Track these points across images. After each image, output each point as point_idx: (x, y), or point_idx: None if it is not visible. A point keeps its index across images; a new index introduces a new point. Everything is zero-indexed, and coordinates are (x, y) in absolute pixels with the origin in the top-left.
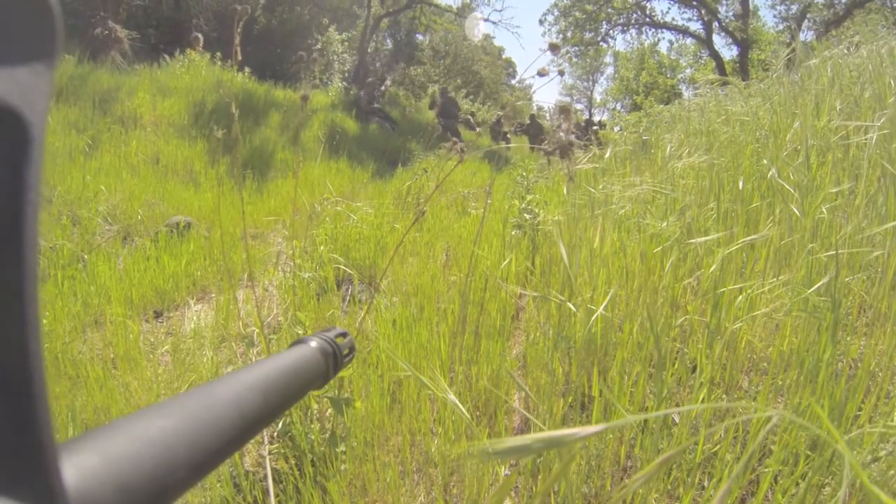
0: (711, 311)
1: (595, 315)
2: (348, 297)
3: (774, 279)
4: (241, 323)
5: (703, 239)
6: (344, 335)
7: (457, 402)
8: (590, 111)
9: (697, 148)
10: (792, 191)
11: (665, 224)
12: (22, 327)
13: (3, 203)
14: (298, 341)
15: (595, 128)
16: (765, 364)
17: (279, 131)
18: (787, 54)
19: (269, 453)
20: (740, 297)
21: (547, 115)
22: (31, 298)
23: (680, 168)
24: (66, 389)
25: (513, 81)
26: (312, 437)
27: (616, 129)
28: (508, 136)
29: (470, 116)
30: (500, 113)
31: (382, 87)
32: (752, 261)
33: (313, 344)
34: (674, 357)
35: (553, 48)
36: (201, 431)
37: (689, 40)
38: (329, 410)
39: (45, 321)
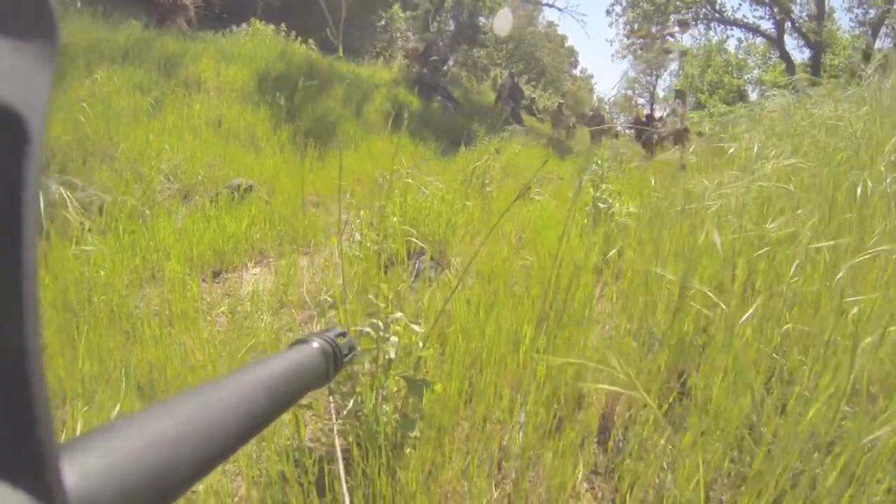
0: (834, 322)
1: (740, 322)
2: (415, 273)
3: None
4: (304, 289)
5: (826, 243)
6: (344, 335)
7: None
8: (651, 106)
9: (782, 150)
10: None
11: (774, 224)
12: (21, 327)
13: (1, 202)
14: (300, 341)
15: (657, 124)
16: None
17: (342, 103)
18: (880, 60)
19: (338, 433)
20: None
21: (606, 106)
22: (30, 298)
23: (769, 169)
24: (119, 344)
25: (575, 70)
26: (385, 418)
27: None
28: (573, 125)
29: (531, 102)
30: (562, 101)
31: (445, 67)
32: (875, 271)
33: (315, 344)
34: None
35: (682, 24)
36: (204, 431)
37: (758, 40)
38: (399, 390)
39: (102, 273)
